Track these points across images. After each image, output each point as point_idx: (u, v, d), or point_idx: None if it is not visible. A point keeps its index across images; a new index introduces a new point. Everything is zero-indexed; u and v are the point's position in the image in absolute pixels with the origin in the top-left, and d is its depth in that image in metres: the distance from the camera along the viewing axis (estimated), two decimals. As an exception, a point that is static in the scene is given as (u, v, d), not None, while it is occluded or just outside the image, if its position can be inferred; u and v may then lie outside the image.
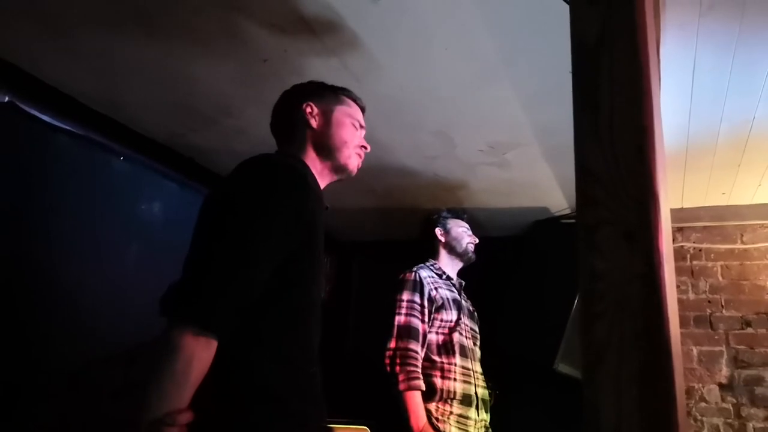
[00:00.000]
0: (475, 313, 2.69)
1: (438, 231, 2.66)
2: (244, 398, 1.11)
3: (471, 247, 2.64)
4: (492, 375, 3.20)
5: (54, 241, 2.15)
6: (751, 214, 3.29)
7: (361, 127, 1.54)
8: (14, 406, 1.95)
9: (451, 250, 2.63)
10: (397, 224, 3.61)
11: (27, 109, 2.06)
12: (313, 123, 1.45)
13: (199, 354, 1.04)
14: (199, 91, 2.18)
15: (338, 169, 1.46)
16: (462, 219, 2.72)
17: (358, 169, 1.51)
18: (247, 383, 1.13)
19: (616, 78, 0.75)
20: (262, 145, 1.50)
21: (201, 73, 2.05)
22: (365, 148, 1.53)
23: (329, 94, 1.52)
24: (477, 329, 2.63)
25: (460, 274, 2.69)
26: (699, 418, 3.20)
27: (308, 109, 1.46)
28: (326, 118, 1.47)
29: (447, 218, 2.70)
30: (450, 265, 2.64)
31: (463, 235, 2.65)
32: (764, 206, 3.21)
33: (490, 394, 2.67)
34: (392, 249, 2.84)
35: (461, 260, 2.65)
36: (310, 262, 1.26)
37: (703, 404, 3.22)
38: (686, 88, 2.10)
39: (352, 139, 1.48)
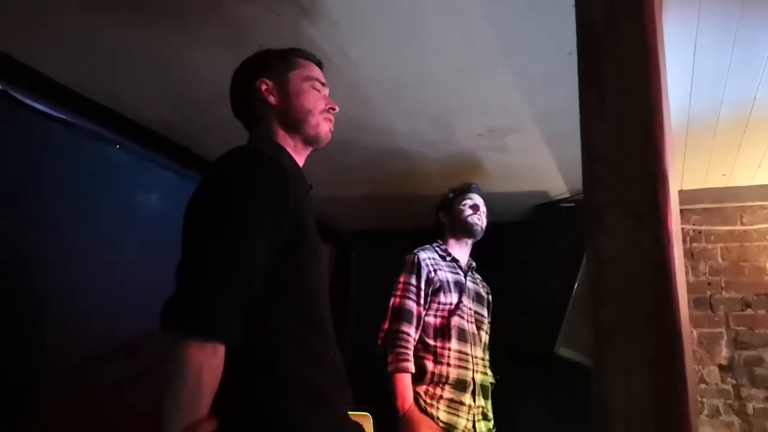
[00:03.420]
0: (488, 296, 2.62)
1: (441, 215, 2.59)
2: (270, 391, 1.09)
3: (473, 219, 2.51)
4: (492, 360, 3.21)
5: (50, 231, 2.14)
6: (751, 195, 3.28)
7: (323, 85, 1.44)
8: (14, 401, 1.94)
9: (453, 229, 2.54)
10: (396, 212, 3.60)
11: (21, 98, 2.04)
12: (272, 100, 1.37)
13: (209, 363, 1.01)
14: (194, 79, 2.16)
15: (310, 140, 1.38)
16: (467, 192, 2.59)
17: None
18: (270, 376, 1.10)
19: (623, 58, 0.73)
20: (235, 147, 1.47)
21: (196, 60, 2.03)
22: (333, 109, 1.42)
23: (280, 62, 1.41)
24: (485, 313, 2.56)
25: (471, 254, 2.61)
26: (699, 399, 3.22)
27: (263, 87, 1.37)
28: (283, 90, 1.37)
29: (451, 199, 2.60)
30: (457, 246, 2.54)
31: (464, 209, 2.53)
32: (764, 187, 3.20)
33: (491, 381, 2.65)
34: (391, 237, 2.82)
35: (467, 237, 2.54)
36: (308, 247, 1.22)
37: (703, 385, 3.24)
38: (687, 68, 2.08)
39: (316, 104, 1.38)
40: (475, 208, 2.53)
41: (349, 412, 1.23)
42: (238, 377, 1.06)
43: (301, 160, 1.39)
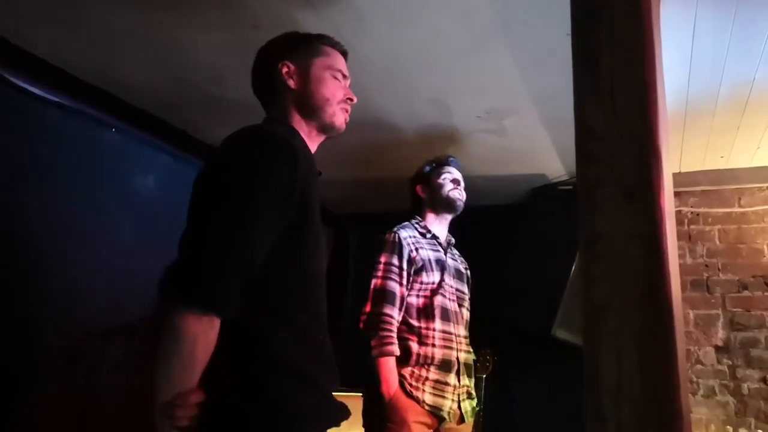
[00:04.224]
0: (467, 272, 2.52)
1: (419, 188, 2.45)
2: (260, 370, 1.11)
3: (455, 194, 2.38)
4: (491, 341, 3.23)
5: (46, 215, 2.14)
6: (750, 177, 3.28)
7: (344, 76, 1.43)
8: (15, 380, 1.96)
9: (434, 204, 2.40)
10: (394, 195, 3.58)
11: (15, 81, 2.03)
12: (292, 84, 1.36)
13: (204, 335, 1.03)
14: (190, 61, 2.14)
15: (325, 128, 1.38)
16: (445, 165, 2.45)
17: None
18: (262, 355, 1.12)
19: (618, 34, 0.72)
20: (256, 115, 1.46)
21: (192, 42, 2.01)
22: (351, 100, 1.42)
23: (305, 47, 1.41)
24: (465, 290, 2.45)
25: (451, 229, 2.50)
26: (695, 380, 3.25)
27: (285, 69, 1.36)
28: (304, 75, 1.37)
29: (428, 172, 2.45)
30: (436, 222, 2.42)
31: (443, 183, 2.39)
32: (762, 169, 3.19)
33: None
34: (389, 221, 2.80)
35: (447, 211, 2.41)
36: (310, 231, 1.23)
37: (699, 366, 3.26)
38: (686, 50, 2.06)
39: (335, 94, 1.38)
40: (456, 182, 2.41)
41: (336, 394, 1.23)
42: (229, 352, 1.08)
43: (313, 147, 1.38)
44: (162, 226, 1.76)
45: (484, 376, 3.04)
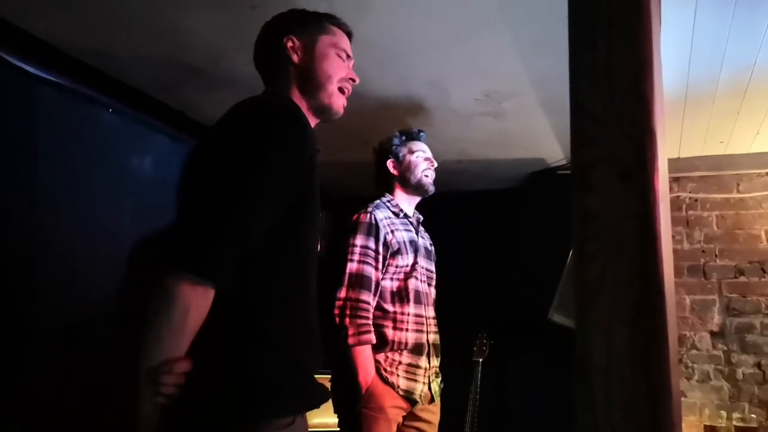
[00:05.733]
0: (432, 248, 2.42)
1: (390, 163, 2.32)
2: (248, 346, 1.10)
3: (428, 176, 2.29)
4: (487, 325, 3.25)
5: (42, 196, 2.13)
6: (748, 163, 3.27)
7: (348, 56, 1.42)
8: (11, 364, 1.96)
9: (406, 183, 2.29)
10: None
11: (11, 60, 2.01)
12: (296, 58, 1.35)
13: (196, 303, 1.02)
14: (187, 41, 2.13)
15: (321, 109, 1.37)
16: (416, 141, 2.35)
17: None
18: (251, 331, 1.11)
19: (615, 11, 0.72)
20: (254, 96, 1.46)
21: (189, 22, 1.99)
22: (353, 80, 1.41)
23: (311, 24, 1.40)
24: (433, 268, 2.37)
25: (418, 206, 2.41)
26: (690, 365, 3.27)
27: (289, 44, 1.35)
28: (309, 51, 1.36)
29: (399, 145, 2.33)
30: (406, 200, 2.33)
31: (417, 162, 2.29)
32: (762, 155, 3.18)
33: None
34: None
35: (417, 194, 2.33)
36: (310, 209, 1.22)
37: (694, 352, 3.29)
38: (687, 33, 2.05)
39: (337, 72, 1.37)
40: (429, 160, 2.32)
41: (317, 375, 1.23)
42: (219, 326, 1.07)
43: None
44: (159, 206, 1.75)
45: (481, 359, 3.06)
